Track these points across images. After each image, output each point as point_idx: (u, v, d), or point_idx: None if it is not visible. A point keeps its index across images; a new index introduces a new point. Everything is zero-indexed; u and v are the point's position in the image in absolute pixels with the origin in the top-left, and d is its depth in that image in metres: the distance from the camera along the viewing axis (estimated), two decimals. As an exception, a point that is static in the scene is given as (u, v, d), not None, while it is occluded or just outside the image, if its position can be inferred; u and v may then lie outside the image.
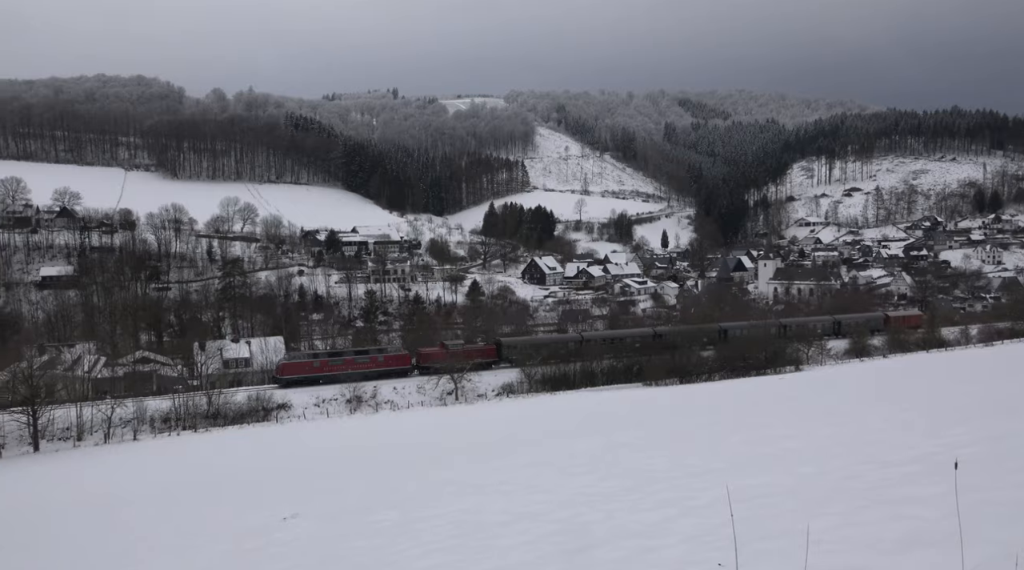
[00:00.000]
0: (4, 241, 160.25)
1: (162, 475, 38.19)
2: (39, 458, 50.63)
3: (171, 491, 31.11)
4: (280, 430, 55.16)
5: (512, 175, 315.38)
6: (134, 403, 59.50)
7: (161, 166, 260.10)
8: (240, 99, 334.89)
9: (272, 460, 39.02)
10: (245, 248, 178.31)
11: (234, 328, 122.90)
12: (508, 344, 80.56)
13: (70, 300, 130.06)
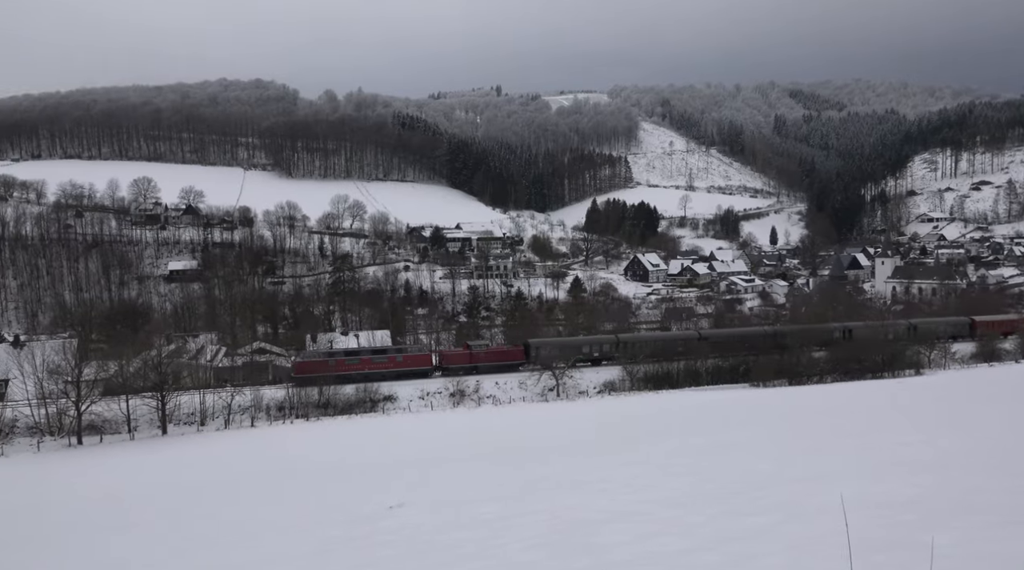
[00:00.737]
0: (137, 237, 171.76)
1: (277, 461, 40.05)
2: (167, 440, 54.08)
3: (285, 476, 32.59)
4: (386, 421, 56.81)
5: (615, 171, 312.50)
6: (251, 391, 62.66)
7: (277, 165, 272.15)
8: (350, 100, 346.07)
9: (378, 450, 40.25)
10: (354, 244, 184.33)
11: (343, 321, 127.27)
12: (537, 345, 78.11)
13: (194, 293, 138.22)
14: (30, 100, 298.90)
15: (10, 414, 55.82)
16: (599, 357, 77.76)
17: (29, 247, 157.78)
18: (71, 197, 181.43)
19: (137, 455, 47.90)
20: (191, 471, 38.89)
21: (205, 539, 18.33)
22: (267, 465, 38.25)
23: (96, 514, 27.42)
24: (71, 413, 54.83)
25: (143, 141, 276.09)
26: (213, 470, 38.47)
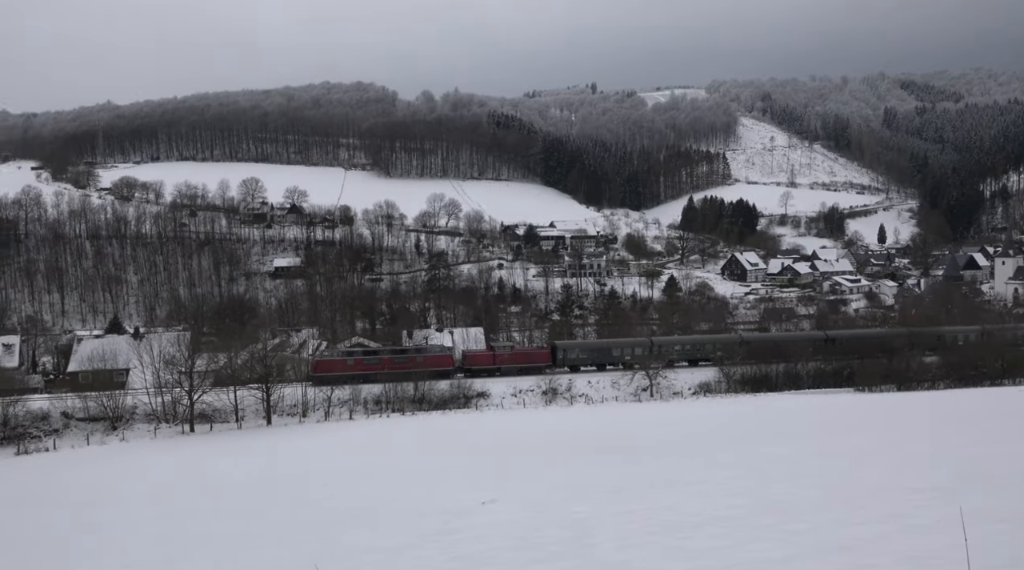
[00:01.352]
0: (245, 235, 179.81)
1: (374, 454, 41.11)
2: (271, 430, 56.38)
3: (382, 469, 33.40)
4: (479, 417, 57.44)
5: (712, 168, 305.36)
6: (350, 386, 64.56)
7: (376, 165, 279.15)
8: (447, 100, 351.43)
9: (471, 445, 40.71)
10: (449, 242, 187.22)
11: (438, 318, 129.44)
12: (564, 347, 76.83)
13: (297, 289, 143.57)
14: (151, 106, 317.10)
15: (130, 401, 59.42)
16: (631, 361, 74.48)
17: (148, 244, 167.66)
18: (186, 197, 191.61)
19: (245, 444, 50.13)
20: (296, 461, 40.38)
21: (311, 525, 18.95)
22: (365, 457, 39.30)
23: (213, 498, 28.82)
24: (184, 402, 57.90)
25: (251, 143, 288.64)
26: (315, 461, 39.82)
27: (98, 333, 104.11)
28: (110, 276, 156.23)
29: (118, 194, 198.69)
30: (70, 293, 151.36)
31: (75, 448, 52.63)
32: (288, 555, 14.24)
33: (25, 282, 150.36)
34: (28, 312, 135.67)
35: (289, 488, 29.15)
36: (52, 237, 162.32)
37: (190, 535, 20.06)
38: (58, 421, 57.02)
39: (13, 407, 55.70)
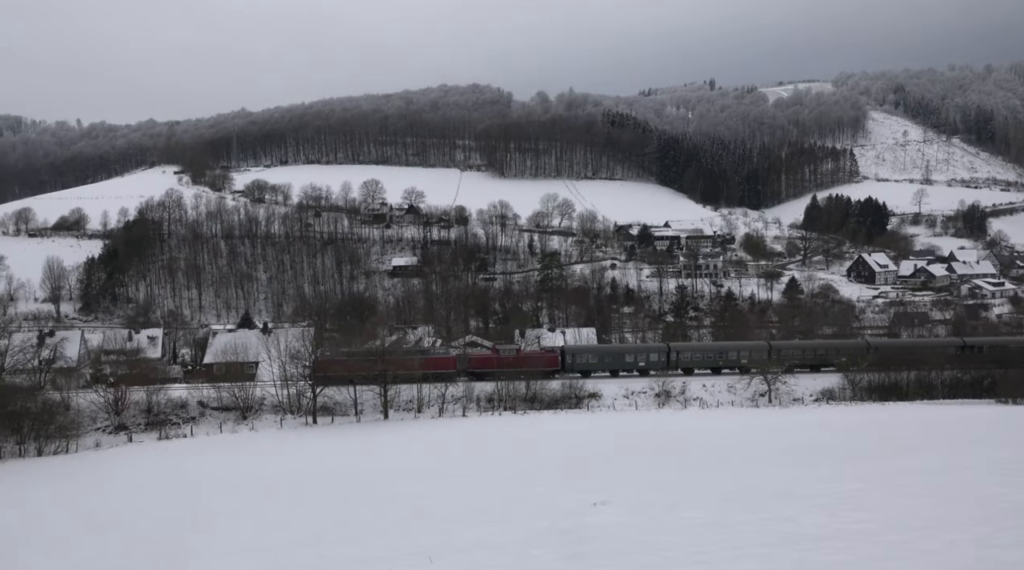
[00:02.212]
0: (365, 235, 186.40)
1: (486, 450, 41.65)
2: (387, 424, 58.16)
3: (494, 465, 33.79)
4: (590, 417, 57.15)
5: (838, 165, 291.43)
6: (463, 383, 65.69)
7: (490, 166, 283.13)
8: (561, 100, 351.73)
9: (582, 445, 40.55)
10: (562, 242, 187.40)
11: (551, 318, 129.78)
12: (572, 352, 73.50)
13: (414, 287, 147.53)
14: (280, 112, 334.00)
15: (259, 393, 62.74)
16: (645, 368, 71.53)
17: (276, 244, 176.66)
18: (311, 198, 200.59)
19: (365, 436, 51.95)
20: (411, 455, 41.49)
21: (431, 519, 19.39)
22: (478, 454, 39.88)
23: (338, 487, 30.02)
24: (308, 395, 60.61)
25: (372, 146, 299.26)
26: (430, 455, 40.76)
27: (231, 328, 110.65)
28: (242, 274, 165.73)
29: (250, 196, 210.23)
30: (206, 289, 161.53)
31: (209, 435, 56.04)
32: (407, 545, 14.60)
33: (167, 279, 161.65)
34: (170, 307, 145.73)
35: (408, 481, 29.94)
36: (191, 237, 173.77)
37: (331, 520, 20.90)
38: (195, 409, 60.91)
39: (156, 395, 60.00)
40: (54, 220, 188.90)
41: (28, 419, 52.54)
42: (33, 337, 78.65)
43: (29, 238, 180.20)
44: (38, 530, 23.72)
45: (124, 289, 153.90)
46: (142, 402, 59.23)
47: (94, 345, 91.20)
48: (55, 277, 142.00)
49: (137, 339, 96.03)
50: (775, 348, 74.13)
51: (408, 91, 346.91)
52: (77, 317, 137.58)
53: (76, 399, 57.26)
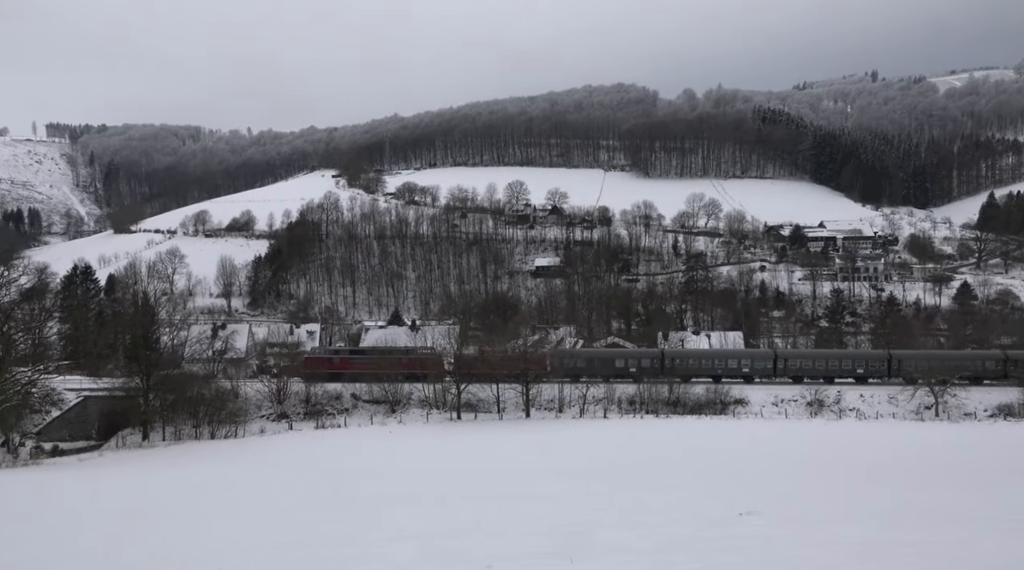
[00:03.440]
0: (509, 235, 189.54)
1: (628, 453, 41.24)
2: (528, 423, 58.83)
3: (635, 468, 33.41)
4: (735, 424, 55.29)
5: (1021, 159, 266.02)
6: (604, 384, 65.38)
7: (634, 166, 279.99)
8: (709, 97, 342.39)
9: (728, 451, 39.31)
10: (708, 243, 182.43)
11: (695, 320, 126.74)
12: (560, 355, 69.33)
13: (556, 288, 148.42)
14: (430, 116, 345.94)
15: (406, 388, 65.24)
16: (637, 373, 66.71)
17: (424, 244, 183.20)
18: (457, 200, 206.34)
19: (507, 434, 52.83)
20: (553, 454, 41.79)
21: (572, 519, 19.48)
22: (620, 457, 39.57)
23: (479, 482, 30.76)
24: (452, 391, 62.37)
25: (517, 147, 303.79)
26: (572, 456, 40.88)
27: (381, 324, 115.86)
28: (392, 273, 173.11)
29: (401, 198, 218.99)
30: (360, 287, 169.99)
31: (361, 427, 58.86)
32: (549, 544, 14.72)
33: (325, 277, 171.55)
34: (327, 303, 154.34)
35: (549, 480, 30.18)
36: (347, 237, 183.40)
37: (471, 514, 21.48)
38: (349, 401, 64.16)
39: (314, 387, 63.76)
40: (227, 221, 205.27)
41: (203, 405, 57.40)
42: (208, 329, 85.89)
43: (205, 238, 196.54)
44: (220, 504, 25.80)
45: (287, 286, 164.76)
46: (301, 393, 63.11)
47: (260, 338, 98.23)
48: (227, 274, 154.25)
49: (298, 333, 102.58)
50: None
51: (553, 93, 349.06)
52: (245, 311, 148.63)
53: (244, 388, 61.81)
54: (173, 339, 68.67)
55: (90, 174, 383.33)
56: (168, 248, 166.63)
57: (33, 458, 48.06)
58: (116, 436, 56.38)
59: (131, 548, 16.66)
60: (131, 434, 56.51)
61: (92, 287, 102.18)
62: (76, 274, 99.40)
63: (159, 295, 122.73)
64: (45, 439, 54.14)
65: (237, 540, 16.94)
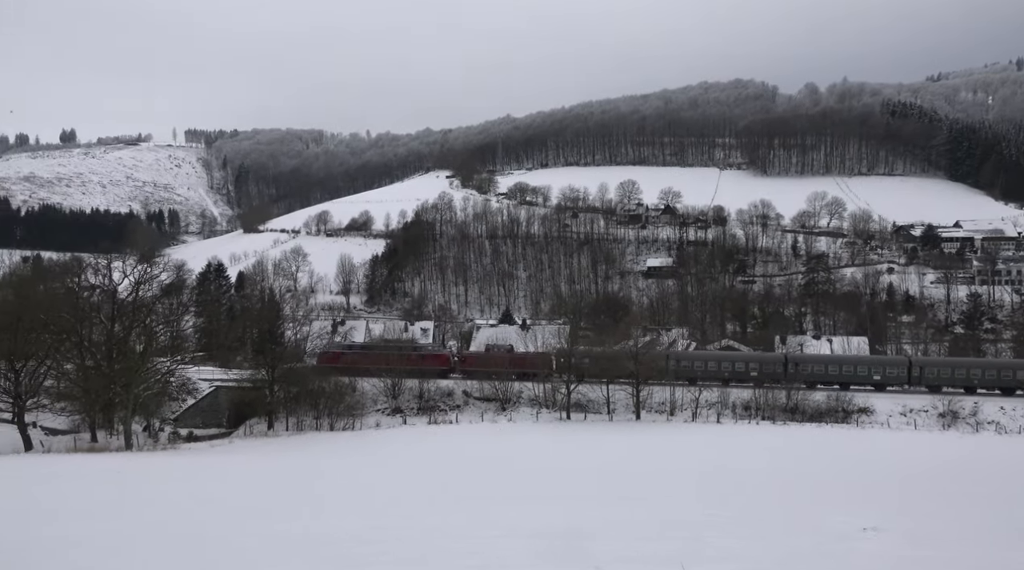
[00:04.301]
0: (620, 235, 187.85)
1: (741, 459, 39.99)
2: (638, 425, 58.04)
3: (749, 475, 32.34)
4: (859, 434, 52.56)
5: None
6: (719, 388, 63.70)
7: (752, 164, 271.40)
8: (832, 91, 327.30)
9: (852, 462, 37.48)
10: (830, 243, 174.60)
11: (815, 324, 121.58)
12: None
13: (668, 289, 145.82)
14: (542, 117, 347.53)
15: (516, 387, 65.78)
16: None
17: (535, 244, 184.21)
18: (568, 200, 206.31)
19: (617, 435, 52.36)
20: (662, 458, 41.09)
21: (683, 524, 19.11)
22: (732, 462, 38.45)
23: (589, 483, 30.67)
24: (562, 391, 62.36)
25: (629, 146, 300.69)
26: (681, 459, 40.07)
27: (492, 323, 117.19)
28: (504, 272, 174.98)
29: (513, 198, 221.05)
30: (472, 286, 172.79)
31: (472, 423, 59.79)
32: (661, 550, 14.47)
33: (438, 276, 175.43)
34: (440, 301, 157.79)
35: (658, 483, 29.70)
36: (460, 237, 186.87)
37: (579, 515, 21.45)
38: (460, 398, 65.34)
39: (427, 383, 65.31)
40: (346, 221, 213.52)
41: (323, 398, 59.89)
42: (328, 325, 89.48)
43: (326, 237, 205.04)
44: (336, 493, 26.86)
45: (402, 284, 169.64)
46: (415, 388, 64.76)
47: (376, 334, 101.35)
48: (346, 272, 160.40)
49: (412, 330, 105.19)
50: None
51: (666, 90, 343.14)
52: (363, 308, 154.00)
53: (361, 383, 64.01)
54: (296, 334, 71.89)
55: (223, 177, 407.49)
56: (292, 247, 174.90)
57: (171, 442, 51.52)
58: (244, 425, 59.69)
59: (249, 533, 17.53)
60: (257, 423, 59.69)
61: (224, 283, 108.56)
62: (209, 271, 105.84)
63: (284, 292, 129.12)
64: (181, 425, 58.00)
65: (341, 527, 17.52)
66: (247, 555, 14.20)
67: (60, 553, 14.48)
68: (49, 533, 16.83)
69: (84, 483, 28.35)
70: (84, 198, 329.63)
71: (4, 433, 47.89)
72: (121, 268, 55.23)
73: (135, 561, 13.86)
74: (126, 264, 56.18)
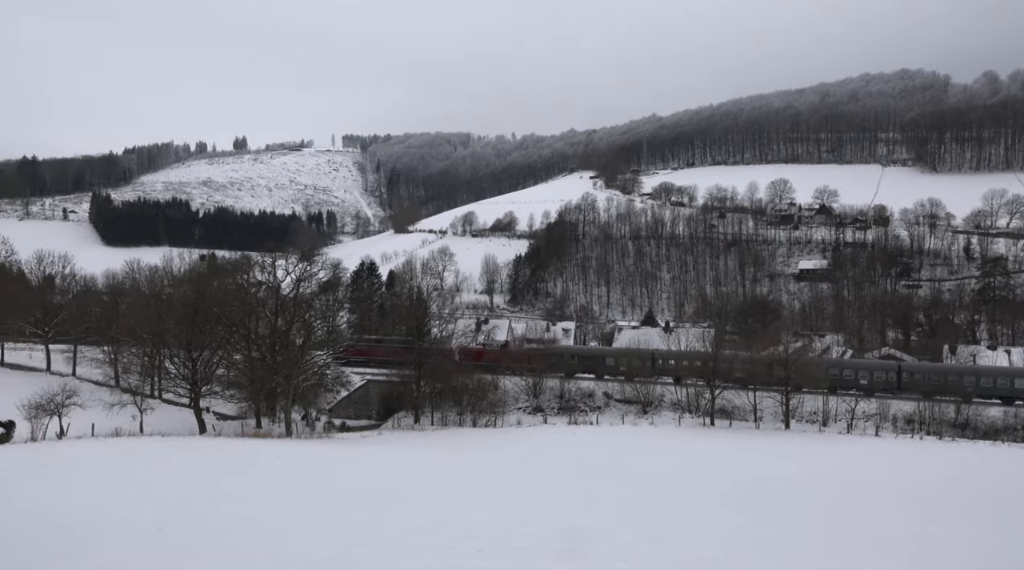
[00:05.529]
0: (771, 236, 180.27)
1: (903, 475, 37.36)
2: (787, 436, 55.40)
3: (908, 492, 30.16)
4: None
5: None
6: (877, 400, 59.77)
7: (919, 160, 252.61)
8: (1016, 79, 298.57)
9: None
10: (1010, 245, 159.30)
11: (991, 334, 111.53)
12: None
13: (822, 292, 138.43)
14: (688, 115, 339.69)
15: (658, 390, 64.65)
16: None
17: (680, 245, 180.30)
18: (715, 200, 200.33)
19: (763, 444, 50.29)
20: (814, 470, 39.06)
21: (840, 543, 18.15)
22: (896, 478, 36.01)
23: (737, 492, 29.68)
24: (706, 395, 60.63)
25: (781, 144, 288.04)
26: (835, 475, 37.95)
27: (634, 324, 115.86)
28: (647, 273, 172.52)
29: (657, 198, 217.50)
30: (614, 287, 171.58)
31: (612, 425, 59.30)
32: (804, 566, 13.79)
33: (580, 276, 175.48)
34: (581, 302, 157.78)
35: (808, 497, 28.29)
36: (602, 237, 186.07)
37: (719, 524, 20.85)
38: (601, 399, 65.04)
39: (568, 383, 65.51)
40: (491, 222, 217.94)
41: (467, 394, 61.41)
42: (472, 324, 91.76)
43: (472, 238, 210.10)
44: (485, 486, 27.47)
45: (544, 284, 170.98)
46: (555, 388, 65.10)
47: (518, 333, 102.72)
48: (490, 272, 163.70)
49: (553, 330, 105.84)
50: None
51: (823, 84, 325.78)
52: (505, 308, 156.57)
53: (503, 381, 65.09)
54: (442, 331, 74.06)
55: (376, 180, 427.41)
56: (439, 247, 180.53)
57: (326, 431, 54.54)
58: (392, 417, 62.25)
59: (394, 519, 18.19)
60: (404, 416, 62.07)
61: (376, 281, 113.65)
62: (363, 270, 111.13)
63: (431, 290, 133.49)
64: (335, 416, 61.24)
65: (480, 521, 17.81)
66: (390, 536, 14.75)
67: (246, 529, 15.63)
68: (231, 510, 18.22)
69: (251, 467, 30.48)
70: (253, 201, 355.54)
71: (182, 416, 52.48)
72: (284, 266, 59.03)
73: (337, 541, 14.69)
74: (288, 262, 59.95)
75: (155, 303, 59.38)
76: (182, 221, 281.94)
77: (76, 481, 22.57)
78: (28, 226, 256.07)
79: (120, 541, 13.49)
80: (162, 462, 28.25)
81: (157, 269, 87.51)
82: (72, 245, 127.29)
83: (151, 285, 76.24)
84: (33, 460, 26.81)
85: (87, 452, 30.04)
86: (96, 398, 49.96)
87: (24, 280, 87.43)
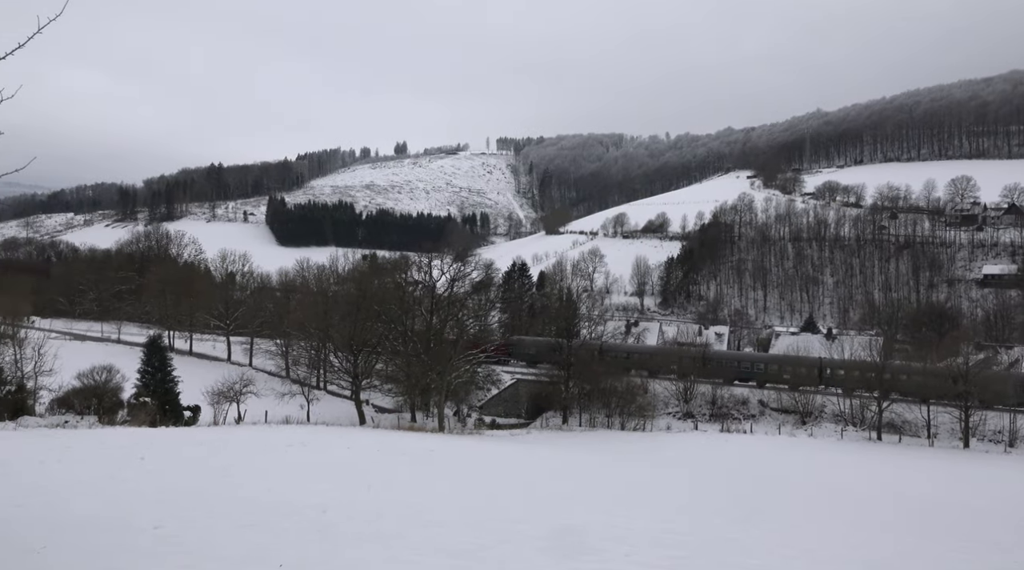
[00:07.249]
0: (950, 238, 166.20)
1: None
2: (965, 455, 50.80)
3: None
4: None
5: None
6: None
7: None
8: None
9: None
10: None
11: None
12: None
13: (1010, 300, 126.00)
14: (857, 109, 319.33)
15: (820, 400, 61.26)
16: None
17: (845, 247, 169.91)
18: (887, 199, 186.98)
19: (938, 463, 46.49)
20: (997, 497, 35.68)
21: None
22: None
23: (905, 514, 27.73)
24: (873, 408, 56.80)
25: (964, 138, 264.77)
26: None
27: (793, 330, 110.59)
28: (807, 277, 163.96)
29: (820, 198, 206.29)
30: (771, 291, 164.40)
31: (768, 435, 56.84)
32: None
33: (735, 279, 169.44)
34: (736, 306, 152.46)
35: (987, 526, 25.83)
36: (760, 239, 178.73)
37: (879, 549, 19.56)
38: (755, 407, 62.57)
39: (720, 390, 63.49)
40: (642, 223, 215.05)
41: (615, 396, 60.95)
42: (622, 325, 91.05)
43: (623, 239, 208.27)
44: (631, 489, 27.23)
45: (697, 287, 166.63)
46: (707, 394, 63.29)
47: (669, 337, 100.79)
48: (641, 274, 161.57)
49: (706, 334, 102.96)
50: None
51: (1016, 71, 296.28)
52: (656, 310, 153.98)
53: (653, 384, 64.08)
54: (591, 333, 73.96)
55: (528, 181, 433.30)
56: (590, 248, 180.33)
57: (476, 428, 55.92)
58: (541, 417, 62.86)
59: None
60: (552, 416, 62.48)
61: (526, 282, 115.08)
62: (514, 270, 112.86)
63: (580, 291, 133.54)
64: (485, 413, 62.65)
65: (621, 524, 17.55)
66: (539, 533, 14.88)
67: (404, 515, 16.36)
68: (390, 497, 19.13)
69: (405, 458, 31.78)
70: (411, 203, 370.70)
71: (345, 407, 55.56)
72: (439, 266, 61.15)
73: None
74: (444, 262, 62.04)
75: (322, 300, 63.31)
76: (347, 222, 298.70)
77: (255, 463, 24.42)
78: (214, 227, 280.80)
79: (291, 523, 14.45)
80: (326, 450, 30.00)
81: (324, 268, 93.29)
82: (250, 245, 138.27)
83: (319, 283, 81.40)
84: (216, 441, 29.29)
85: (262, 438, 32.43)
86: (269, 387, 54.00)
87: (210, 276, 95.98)
